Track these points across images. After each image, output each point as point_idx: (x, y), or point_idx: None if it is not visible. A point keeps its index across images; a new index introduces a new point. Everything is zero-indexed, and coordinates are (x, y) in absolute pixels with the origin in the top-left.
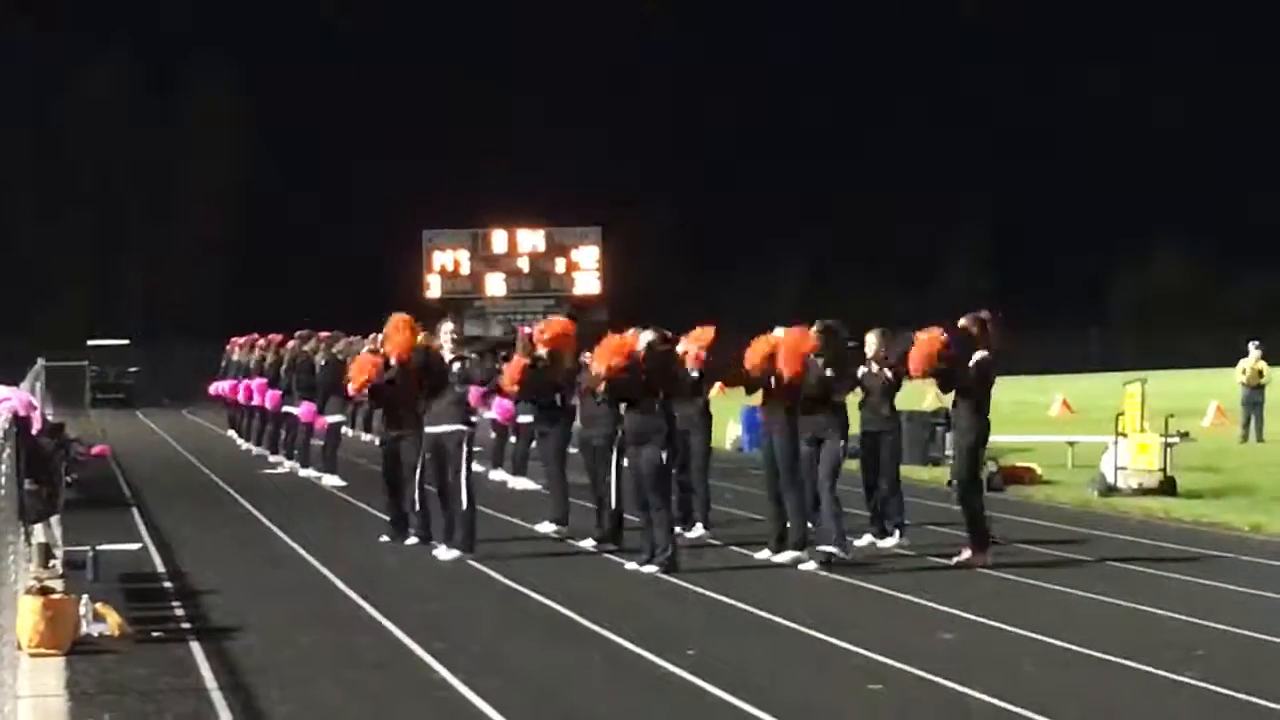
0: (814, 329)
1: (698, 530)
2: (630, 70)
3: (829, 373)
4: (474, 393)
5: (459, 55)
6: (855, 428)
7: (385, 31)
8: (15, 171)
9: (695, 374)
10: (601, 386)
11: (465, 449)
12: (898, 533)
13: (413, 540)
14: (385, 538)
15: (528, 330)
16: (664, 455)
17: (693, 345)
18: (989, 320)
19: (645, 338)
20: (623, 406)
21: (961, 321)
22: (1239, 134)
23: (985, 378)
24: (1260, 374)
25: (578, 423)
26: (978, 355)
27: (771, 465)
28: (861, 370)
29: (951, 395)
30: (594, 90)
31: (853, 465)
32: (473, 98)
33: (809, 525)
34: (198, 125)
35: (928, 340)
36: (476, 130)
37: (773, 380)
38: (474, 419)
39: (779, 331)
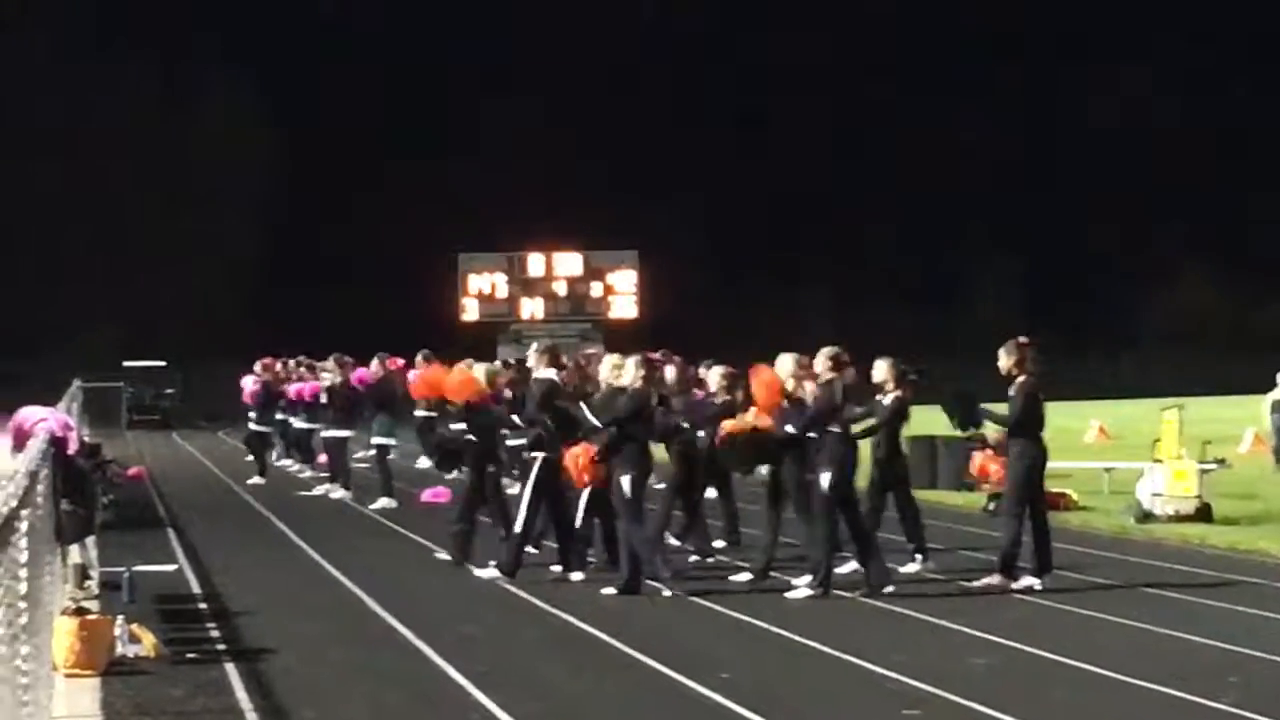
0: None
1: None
2: (667, 95)
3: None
4: None
5: (496, 77)
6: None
7: (421, 53)
8: (50, 195)
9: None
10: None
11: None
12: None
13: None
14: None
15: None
16: (625, 482)
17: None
18: (1026, 345)
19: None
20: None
21: (1002, 360)
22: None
23: (1026, 404)
24: None
25: None
26: (1018, 381)
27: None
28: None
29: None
30: (632, 114)
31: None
32: (509, 120)
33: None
34: (232, 148)
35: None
36: (512, 152)
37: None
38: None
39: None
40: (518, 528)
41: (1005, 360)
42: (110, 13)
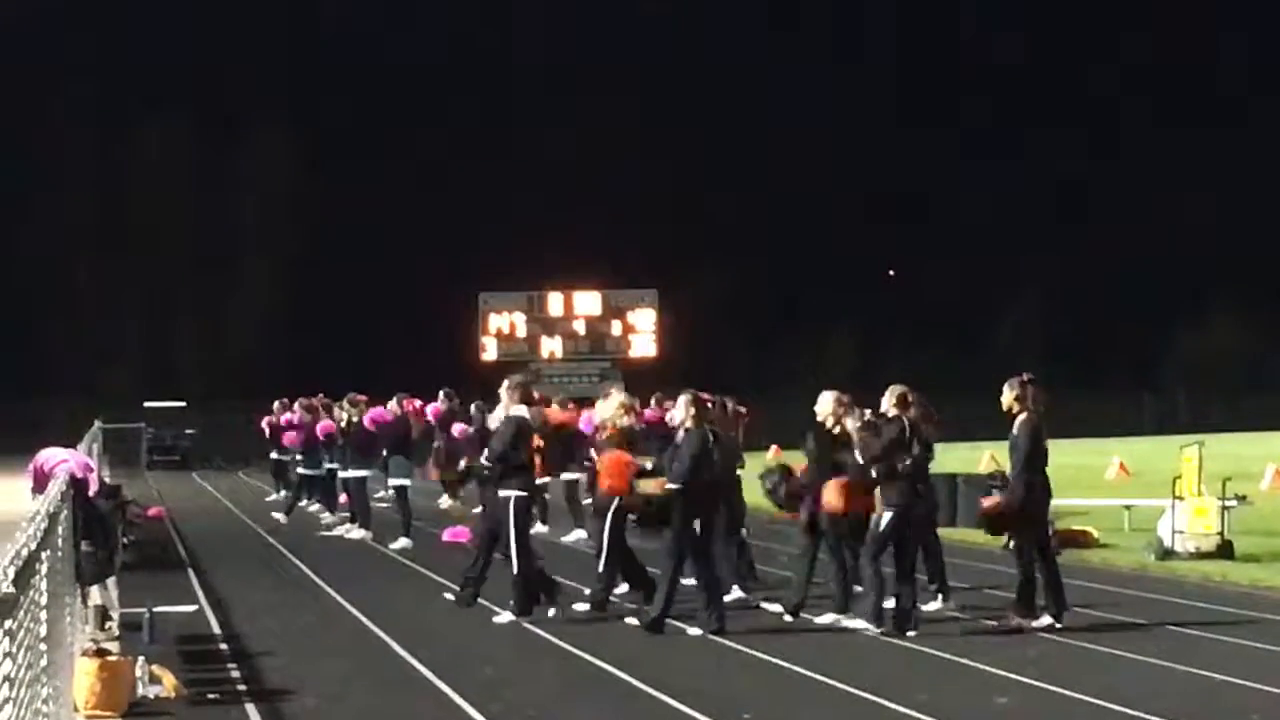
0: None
1: (735, 593)
2: (688, 133)
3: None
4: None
5: (517, 118)
6: None
7: (444, 96)
8: (75, 235)
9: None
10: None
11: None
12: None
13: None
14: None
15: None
16: (695, 525)
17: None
18: (1027, 383)
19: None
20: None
21: (1005, 396)
22: None
23: (1032, 440)
24: None
25: None
26: (1020, 418)
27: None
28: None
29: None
30: (654, 152)
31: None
32: (529, 159)
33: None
34: (254, 188)
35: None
36: (534, 192)
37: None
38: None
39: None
40: (515, 569)
41: (1008, 396)
42: (143, 61)
